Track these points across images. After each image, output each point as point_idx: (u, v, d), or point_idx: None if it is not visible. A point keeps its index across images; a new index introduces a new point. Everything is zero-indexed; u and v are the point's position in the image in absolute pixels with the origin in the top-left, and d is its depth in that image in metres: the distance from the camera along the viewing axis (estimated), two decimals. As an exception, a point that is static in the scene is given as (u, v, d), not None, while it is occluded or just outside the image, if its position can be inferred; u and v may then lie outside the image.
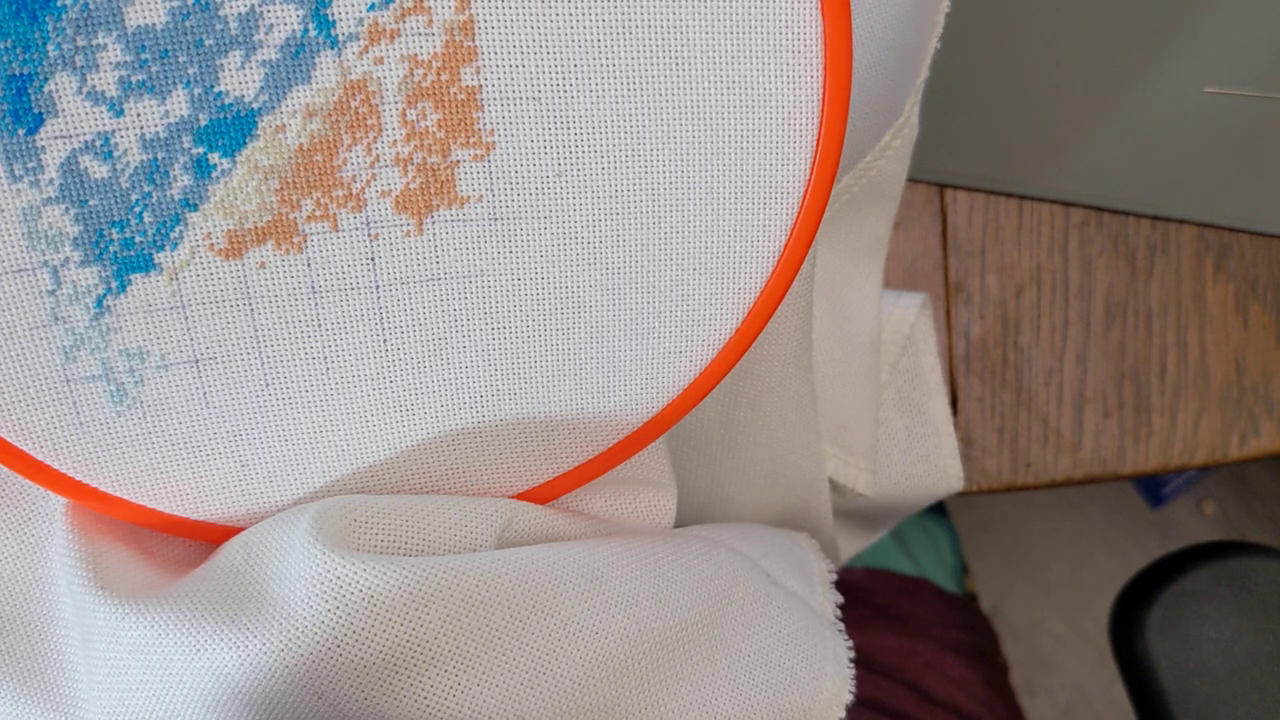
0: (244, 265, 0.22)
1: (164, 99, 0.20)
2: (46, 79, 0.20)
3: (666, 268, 0.24)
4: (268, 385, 0.23)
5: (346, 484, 0.25)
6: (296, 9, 0.20)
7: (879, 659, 0.50)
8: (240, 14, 0.20)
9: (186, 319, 0.22)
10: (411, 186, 0.22)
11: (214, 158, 0.21)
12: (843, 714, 0.27)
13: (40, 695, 0.24)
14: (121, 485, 0.23)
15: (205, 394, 0.23)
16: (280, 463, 0.24)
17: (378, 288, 0.23)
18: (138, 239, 0.21)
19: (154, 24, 0.20)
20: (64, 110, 0.20)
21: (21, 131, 0.20)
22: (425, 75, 0.21)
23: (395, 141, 0.22)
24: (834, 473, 0.38)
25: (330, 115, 0.21)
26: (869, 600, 0.55)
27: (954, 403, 0.45)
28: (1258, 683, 0.44)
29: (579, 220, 0.23)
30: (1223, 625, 0.45)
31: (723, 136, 0.23)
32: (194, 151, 0.21)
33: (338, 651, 0.21)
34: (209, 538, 0.25)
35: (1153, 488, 1.11)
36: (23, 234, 0.21)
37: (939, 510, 0.68)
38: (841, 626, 0.29)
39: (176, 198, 0.21)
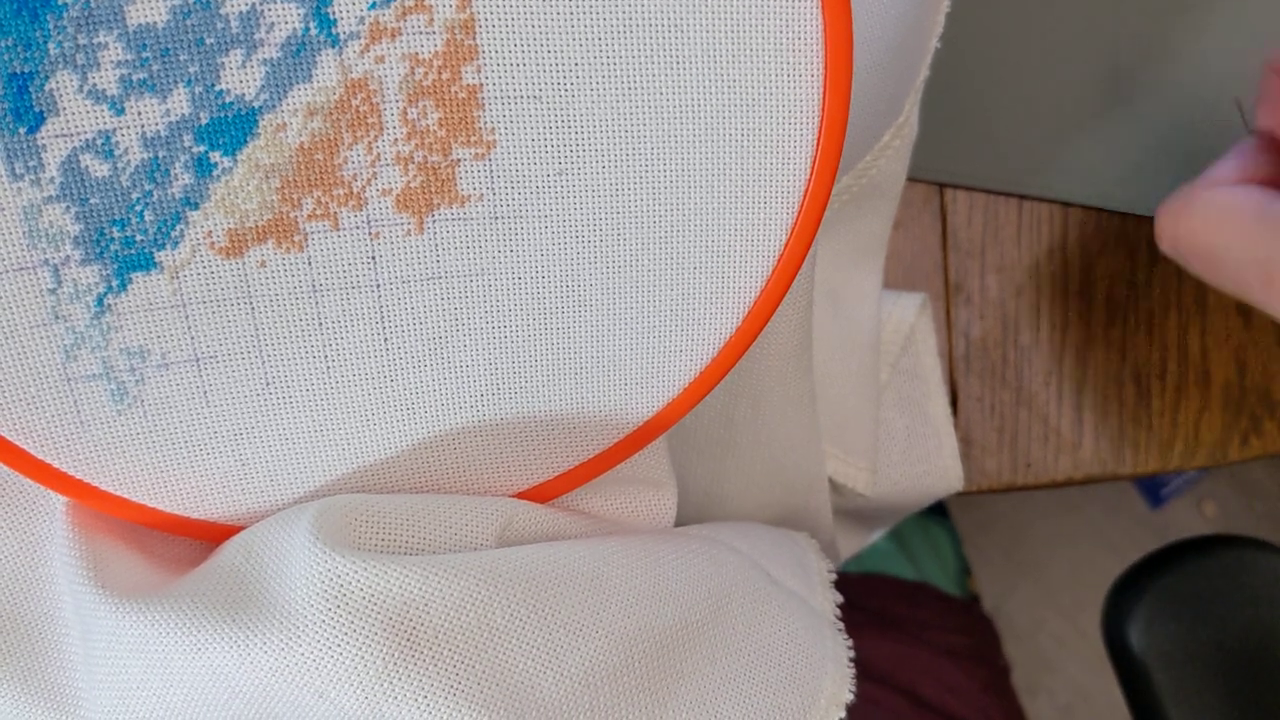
0: (245, 264, 0.22)
1: (165, 97, 0.20)
2: (47, 77, 0.20)
3: (666, 267, 0.24)
4: (268, 384, 0.23)
5: (347, 483, 0.25)
6: (298, 7, 0.20)
7: (874, 665, 0.50)
8: (241, 12, 0.20)
9: (187, 317, 0.22)
10: (412, 185, 0.22)
11: (215, 156, 0.21)
12: (843, 714, 0.27)
13: (41, 694, 0.24)
14: (122, 484, 0.23)
15: (206, 393, 0.23)
16: (281, 461, 0.24)
17: (378, 286, 0.23)
18: (138, 237, 0.21)
19: (155, 22, 0.20)
20: (65, 108, 0.20)
21: (22, 130, 0.20)
22: (426, 74, 0.21)
23: (396, 140, 0.22)
24: (834, 472, 0.38)
25: (331, 114, 0.21)
26: (864, 605, 0.55)
27: (954, 403, 0.45)
28: (1248, 674, 0.44)
29: (579, 219, 0.23)
30: (1213, 617, 0.45)
31: (723, 136, 0.23)
32: (195, 150, 0.21)
33: (338, 651, 0.21)
34: (209, 537, 0.25)
35: (1153, 488, 1.11)
36: (23, 232, 0.21)
37: (940, 512, 0.68)
38: (841, 626, 0.29)
39: (177, 196, 0.21)
